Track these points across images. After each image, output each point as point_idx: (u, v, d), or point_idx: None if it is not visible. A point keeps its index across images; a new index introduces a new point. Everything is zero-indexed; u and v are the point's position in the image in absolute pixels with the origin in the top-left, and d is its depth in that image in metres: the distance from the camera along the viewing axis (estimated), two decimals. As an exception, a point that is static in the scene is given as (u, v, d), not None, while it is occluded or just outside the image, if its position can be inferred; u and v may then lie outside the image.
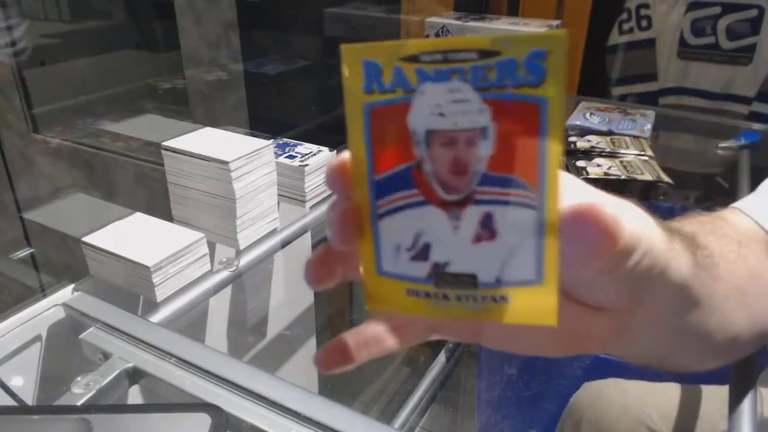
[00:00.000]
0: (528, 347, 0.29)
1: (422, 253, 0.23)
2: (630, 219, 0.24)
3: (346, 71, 0.22)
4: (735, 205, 0.47)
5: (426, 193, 0.23)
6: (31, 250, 1.01)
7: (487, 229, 0.22)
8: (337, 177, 0.24)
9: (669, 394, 0.71)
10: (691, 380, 0.72)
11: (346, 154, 0.24)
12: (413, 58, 0.21)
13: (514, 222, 0.22)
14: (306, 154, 0.82)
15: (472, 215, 0.22)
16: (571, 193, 0.24)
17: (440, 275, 0.23)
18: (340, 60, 0.22)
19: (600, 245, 0.21)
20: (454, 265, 0.23)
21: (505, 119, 0.21)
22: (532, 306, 0.22)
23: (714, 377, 0.68)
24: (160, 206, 0.75)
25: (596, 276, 0.24)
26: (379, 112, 0.22)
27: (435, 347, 1.03)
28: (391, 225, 0.23)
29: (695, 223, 0.41)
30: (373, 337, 0.29)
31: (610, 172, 0.92)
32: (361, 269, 0.24)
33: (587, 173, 0.92)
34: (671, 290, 0.30)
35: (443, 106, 0.21)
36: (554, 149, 0.21)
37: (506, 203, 0.22)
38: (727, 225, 0.44)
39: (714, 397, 0.68)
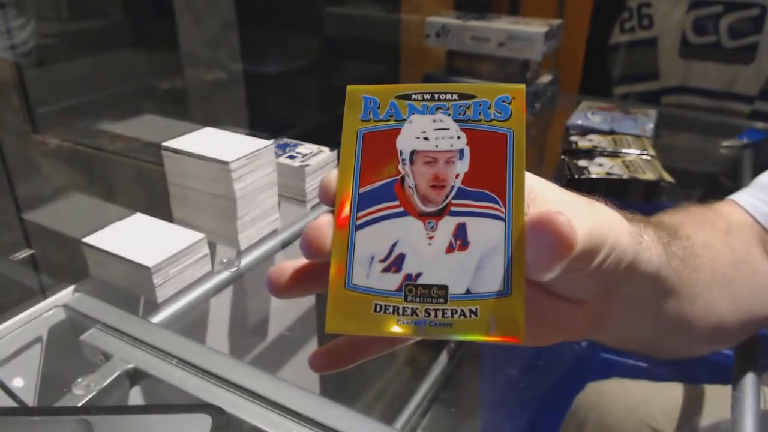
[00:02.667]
0: None
1: (395, 263, 0.25)
2: (594, 221, 0.26)
3: (348, 104, 0.27)
4: (730, 197, 0.48)
5: (406, 205, 0.25)
6: (32, 251, 1.01)
7: (460, 239, 0.25)
8: (325, 193, 0.27)
9: (672, 394, 0.71)
10: (694, 380, 0.72)
11: (335, 172, 0.27)
12: (406, 97, 0.27)
13: (485, 232, 0.25)
14: (306, 155, 0.81)
15: (446, 226, 0.25)
16: (541, 200, 0.26)
17: (411, 287, 0.24)
18: (345, 97, 0.27)
19: (557, 251, 0.23)
20: (426, 275, 0.25)
21: (478, 144, 0.25)
22: (500, 321, 0.24)
23: (717, 377, 0.67)
24: (160, 207, 0.75)
25: (567, 274, 0.25)
26: (371, 136, 0.26)
27: (436, 348, 1.02)
28: (369, 235, 0.25)
29: (683, 215, 0.42)
30: (363, 340, 0.30)
31: (612, 171, 0.92)
32: (330, 284, 0.25)
33: (589, 173, 0.92)
34: (643, 281, 0.31)
35: (428, 132, 0.26)
36: (519, 171, 0.25)
37: (478, 214, 0.25)
38: (717, 215, 0.45)
39: (717, 396, 0.68)
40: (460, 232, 0.25)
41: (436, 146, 0.26)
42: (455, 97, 0.26)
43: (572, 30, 1.50)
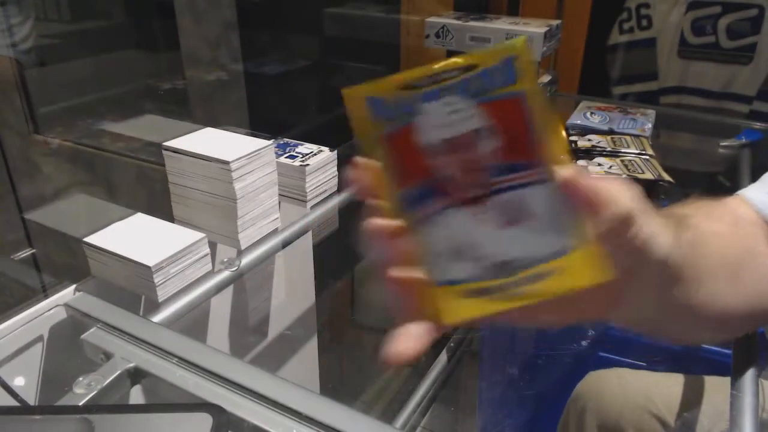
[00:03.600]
0: (532, 319, 0.31)
1: (463, 251, 0.25)
2: (632, 194, 0.28)
3: (353, 111, 0.26)
4: (738, 192, 0.48)
5: (449, 197, 0.25)
6: (33, 251, 1.01)
7: (511, 213, 0.25)
8: (364, 189, 0.27)
9: (672, 385, 0.72)
10: (694, 372, 0.73)
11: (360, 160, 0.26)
12: (408, 86, 0.25)
13: (532, 199, 0.25)
14: (307, 154, 0.82)
15: (494, 205, 0.25)
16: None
17: (484, 269, 0.25)
18: (345, 103, 0.26)
19: (592, 202, 0.25)
20: (492, 256, 0.25)
21: (496, 116, 0.24)
22: (580, 270, 0.25)
23: (716, 369, 0.68)
24: (161, 206, 0.75)
25: (615, 239, 0.27)
26: (392, 138, 0.26)
27: (436, 347, 1.02)
28: (428, 236, 0.25)
29: (691, 207, 0.43)
30: (422, 329, 0.30)
31: (611, 171, 0.92)
32: (421, 290, 0.26)
33: (588, 172, 0.92)
34: (654, 264, 0.32)
35: (444, 119, 0.25)
36: (544, 126, 0.24)
37: (520, 185, 0.25)
38: (725, 209, 0.46)
39: (716, 387, 0.69)
40: (510, 207, 0.25)
41: (458, 131, 0.25)
42: (458, 73, 0.25)
43: (571, 30, 1.50)
